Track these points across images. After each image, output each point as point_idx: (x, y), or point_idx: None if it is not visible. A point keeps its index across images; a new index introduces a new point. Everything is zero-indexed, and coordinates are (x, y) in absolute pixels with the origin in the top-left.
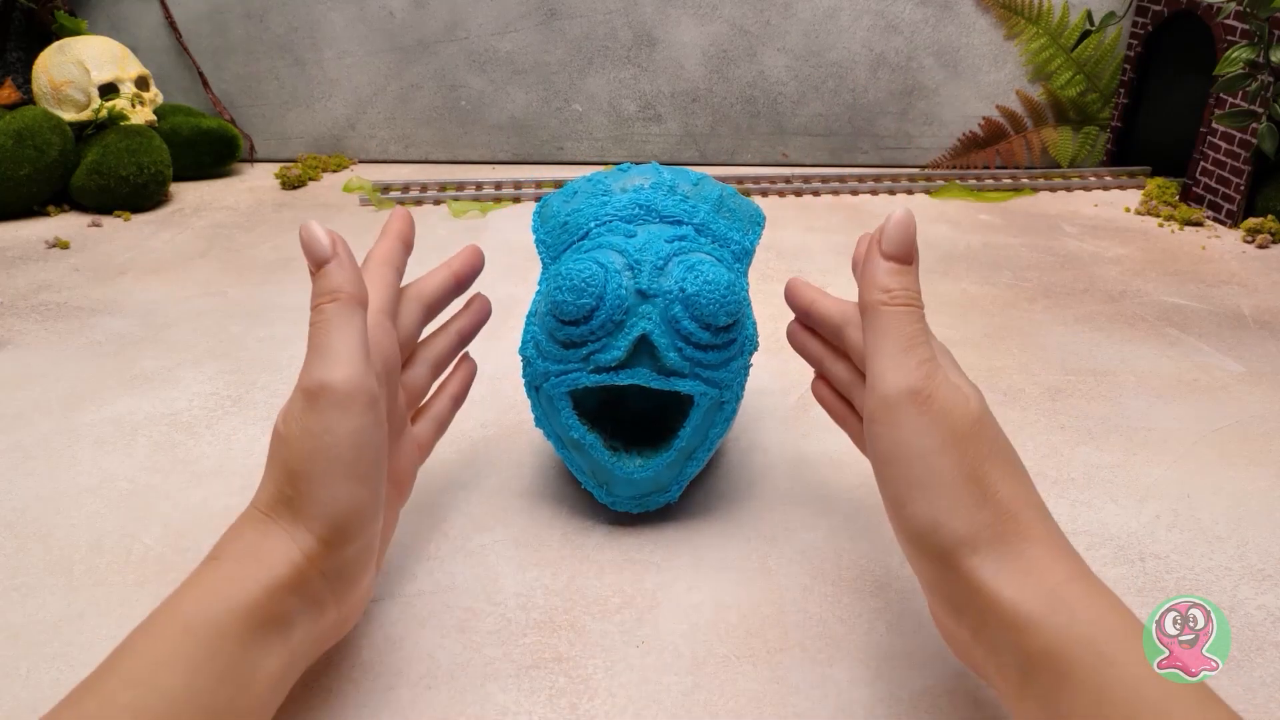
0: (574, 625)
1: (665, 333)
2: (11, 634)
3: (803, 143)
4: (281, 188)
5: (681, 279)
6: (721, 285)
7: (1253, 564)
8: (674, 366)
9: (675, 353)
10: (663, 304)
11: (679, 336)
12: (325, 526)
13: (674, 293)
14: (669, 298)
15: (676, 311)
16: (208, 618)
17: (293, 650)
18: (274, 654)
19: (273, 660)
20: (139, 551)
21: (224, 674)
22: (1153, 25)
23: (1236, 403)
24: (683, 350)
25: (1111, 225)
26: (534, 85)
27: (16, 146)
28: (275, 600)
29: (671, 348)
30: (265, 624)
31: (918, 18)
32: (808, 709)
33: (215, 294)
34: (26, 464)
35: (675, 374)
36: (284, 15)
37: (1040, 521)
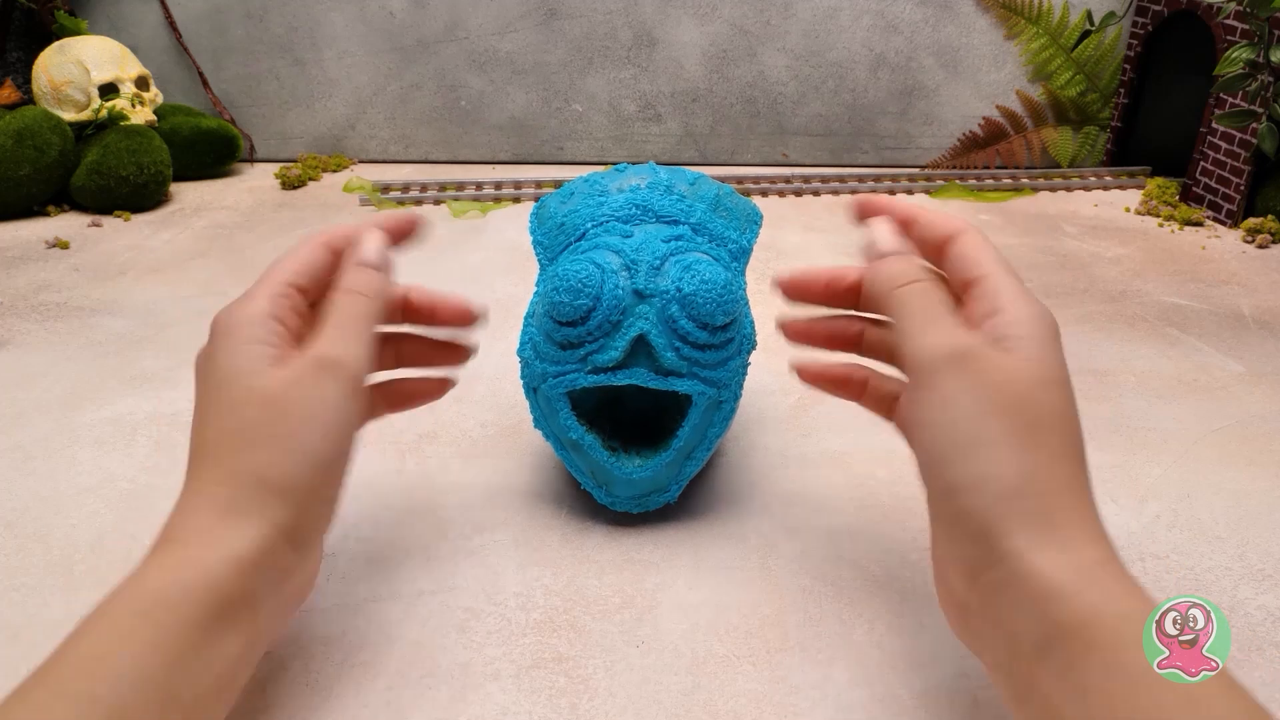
0: (574, 625)
1: (662, 332)
2: (11, 634)
3: (803, 143)
4: (281, 188)
5: (678, 279)
6: (718, 284)
7: (1253, 564)
8: (671, 366)
9: (673, 352)
10: (659, 304)
11: (676, 336)
12: (301, 488)
13: (671, 292)
14: (666, 297)
15: (673, 311)
16: (164, 601)
17: (258, 627)
18: (239, 632)
19: (236, 639)
20: (139, 551)
21: (182, 658)
22: (1153, 25)
23: (1236, 403)
24: (680, 350)
25: (1111, 225)
26: (534, 85)
27: (16, 146)
28: (242, 578)
29: (669, 347)
30: (228, 605)
31: (918, 18)
32: (808, 709)
33: (215, 294)
34: (26, 464)
35: (673, 374)
36: (284, 15)
37: (1082, 505)
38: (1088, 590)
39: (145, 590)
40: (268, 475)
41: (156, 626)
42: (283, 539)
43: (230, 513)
